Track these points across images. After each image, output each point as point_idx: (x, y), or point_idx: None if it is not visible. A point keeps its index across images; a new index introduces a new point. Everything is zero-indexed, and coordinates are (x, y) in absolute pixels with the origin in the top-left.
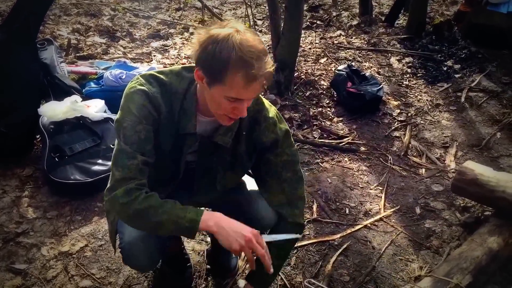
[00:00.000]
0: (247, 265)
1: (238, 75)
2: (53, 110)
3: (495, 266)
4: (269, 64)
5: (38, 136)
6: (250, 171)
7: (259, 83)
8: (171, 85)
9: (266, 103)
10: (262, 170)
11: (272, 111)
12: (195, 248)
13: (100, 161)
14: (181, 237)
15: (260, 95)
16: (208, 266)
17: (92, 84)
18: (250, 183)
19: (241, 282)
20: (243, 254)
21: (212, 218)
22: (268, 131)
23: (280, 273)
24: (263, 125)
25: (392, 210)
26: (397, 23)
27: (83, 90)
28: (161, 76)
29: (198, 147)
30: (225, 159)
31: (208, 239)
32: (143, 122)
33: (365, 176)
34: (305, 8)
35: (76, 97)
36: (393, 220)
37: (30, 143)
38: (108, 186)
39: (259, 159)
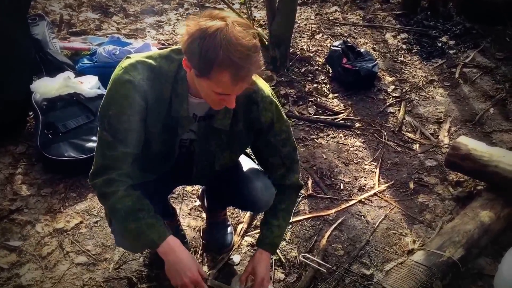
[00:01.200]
0: (243, 241)
1: (225, 74)
2: (46, 87)
3: (487, 239)
4: (259, 63)
5: (30, 113)
6: (249, 151)
7: (247, 82)
8: (161, 69)
9: (260, 81)
10: (263, 153)
11: (266, 89)
12: (190, 224)
13: (94, 138)
14: (176, 213)
15: None
16: (204, 242)
17: (85, 60)
18: (247, 163)
19: (236, 257)
20: (238, 229)
21: (168, 251)
22: (266, 111)
23: None
24: (261, 105)
25: (386, 185)
26: None
27: (76, 66)
28: (150, 61)
29: (197, 130)
30: (223, 140)
31: (204, 215)
32: (128, 113)
33: (360, 152)
34: None
35: (69, 74)
36: (387, 195)
37: (23, 120)
38: (91, 170)
39: (257, 140)
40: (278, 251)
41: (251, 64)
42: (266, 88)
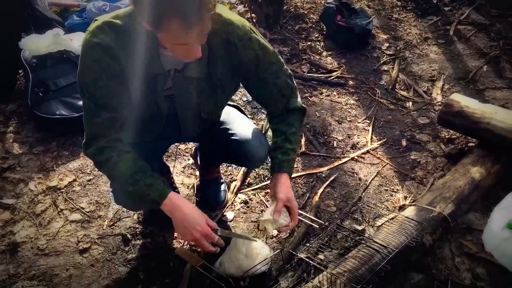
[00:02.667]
0: (236, 198)
1: (174, 24)
2: (35, 44)
3: (476, 195)
4: (208, 5)
5: (20, 71)
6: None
7: (203, 27)
8: (129, 28)
9: (235, 19)
10: (259, 90)
11: (243, 26)
12: (184, 182)
13: None
14: (170, 171)
15: (223, 11)
16: (197, 199)
17: (75, 17)
18: (241, 120)
19: (230, 214)
20: (232, 186)
21: (172, 208)
22: (247, 49)
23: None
24: (239, 44)
25: (379, 142)
26: None
27: (66, 23)
28: (116, 21)
29: (173, 84)
30: (203, 87)
31: (197, 173)
32: (103, 78)
33: (353, 110)
34: None
35: (58, 30)
36: (380, 152)
37: (13, 77)
38: (84, 139)
39: (249, 81)
40: None
41: (198, 7)
42: (241, 24)
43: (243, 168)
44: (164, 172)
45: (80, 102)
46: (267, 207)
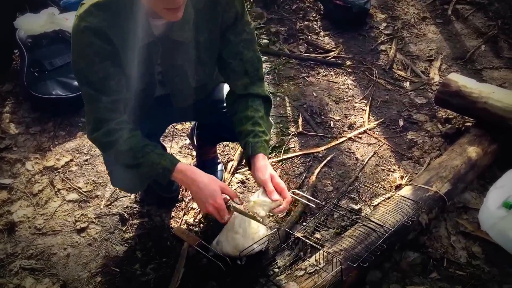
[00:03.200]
0: (233, 178)
1: None
2: (30, 23)
3: (473, 174)
4: None
5: (16, 51)
6: None
7: None
8: (116, 4)
9: None
10: (223, 53)
11: None
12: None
13: None
14: (167, 152)
15: None
16: None
17: None
18: None
19: None
20: (229, 166)
21: (184, 178)
22: (229, 6)
23: None
24: (224, 2)
25: (376, 122)
26: None
27: (61, 2)
28: (102, 0)
29: (161, 50)
30: (190, 54)
31: (194, 153)
32: (97, 61)
33: (350, 90)
34: None
35: (53, 10)
36: (377, 132)
37: (8, 57)
38: (87, 125)
39: (221, 41)
40: None
41: None
42: None
43: (240, 147)
44: None
45: (76, 83)
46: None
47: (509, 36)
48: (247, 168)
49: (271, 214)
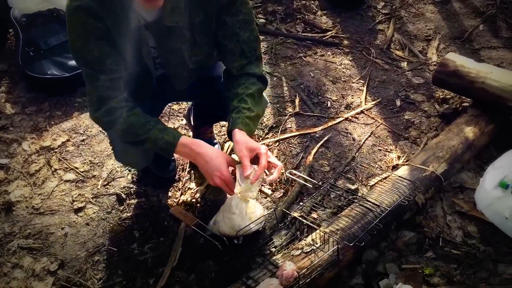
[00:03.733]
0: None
1: None
2: (25, 2)
3: (470, 154)
4: None
5: (11, 30)
6: None
7: None
8: None
9: None
10: (219, 35)
11: None
12: None
13: None
14: None
15: None
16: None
17: None
18: None
19: None
20: (225, 147)
21: (188, 151)
22: None
23: None
24: None
25: (373, 102)
26: None
27: None
28: None
29: (154, 35)
30: (185, 36)
31: (190, 133)
32: (92, 40)
33: (348, 70)
34: None
35: None
36: (374, 113)
37: (2, 36)
38: (89, 105)
39: (216, 24)
40: None
41: None
42: None
43: None
44: None
45: (71, 62)
46: None
47: (508, 15)
48: None
49: (264, 184)
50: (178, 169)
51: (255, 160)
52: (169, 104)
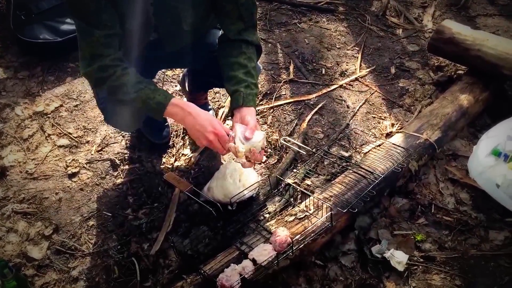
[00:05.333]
0: (224, 125)
1: None
2: None
3: (464, 122)
4: None
5: None
6: None
7: None
8: None
9: None
10: None
11: None
12: None
13: (69, 20)
14: None
15: None
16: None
17: None
18: None
19: None
20: (220, 113)
21: (179, 111)
22: None
23: None
24: None
25: (368, 70)
26: None
27: None
28: None
29: None
30: None
31: (185, 99)
32: None
33: (343, 37)
34: None
35: None
36: (368, 80)
37: None
38: (81, 60)
39: None
40: None
41: None
42: None
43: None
44: None
45: (63, 26)
46: None
47: None
48: None
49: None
50: (172, 135)
51: None
52: (163, 70)
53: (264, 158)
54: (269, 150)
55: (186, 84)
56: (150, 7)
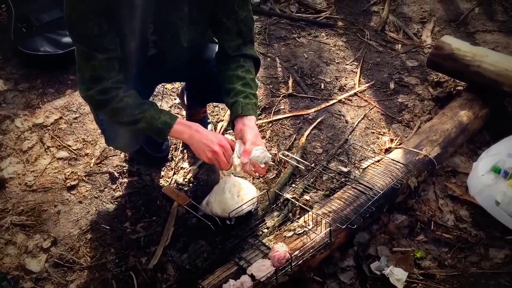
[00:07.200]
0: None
1: None
2: None
3: (463, 138)
4: None
5: (3, 5)
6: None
7: None
8: None
9: None
10: (217, 11)
11: None
12: None
13: None
14: None
15: None
16: None
17: None
18: None
19: None
20: (218, 127)
21: (186, 129)
22: None
23: None
24: None
25: (367, 85)
26: None
27: None
28: None
29: (154, 6)
30: (183, 11)
31: (184, 112)
32: (92, 17)
33: (342, 52)
34: None
35: None
36: (367, 95)
37: None
38: (80, 83)
39: (214, 1)
40: None
41: None
42: None
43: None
44: None
45: (64, 39)
46: None
47: None
48: None
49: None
50: (171, 149)
51: None
52: (162, 83)
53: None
54: (271, 162)
55: (185, 98)
56: (150, 25)
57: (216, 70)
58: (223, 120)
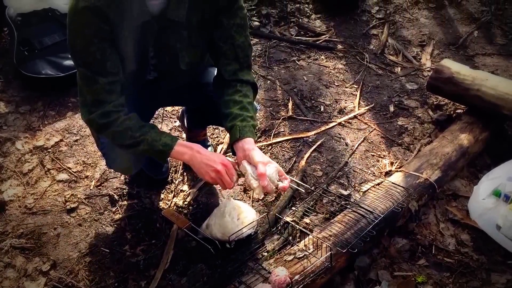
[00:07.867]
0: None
1: None
2: (19, 1)
3: (464, 162)
4: None
5: (5, 29)
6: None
7: None
8: None
9: None
10: (215, 36)
11: None
12: None
13: None
14: None
15: None
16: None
17: None
18: None
19: None
20: (218, 149)
21: (188, 150)
22: None
23: None
24: None
25: (367, 108)
26: None
27: None
28: None
29: (155, 29)
30: (182, 35)
31: (184, 135)
32: (95, 42)
33: (341, 74)
34: None
35: None
36: (367, 118)
37: None
38: (82, 106)
39: (214, 25)
40: None
41: None
42: None
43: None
44: None
45: (66, 62)
46: None
47: (503, 22)
48: None
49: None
50: (170, 171)
51: None
52: (162, 107)
53: (262, 195)
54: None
55: (185, 121)
56: (150, 49)
57: (214, 93)
58: (223, 143)
